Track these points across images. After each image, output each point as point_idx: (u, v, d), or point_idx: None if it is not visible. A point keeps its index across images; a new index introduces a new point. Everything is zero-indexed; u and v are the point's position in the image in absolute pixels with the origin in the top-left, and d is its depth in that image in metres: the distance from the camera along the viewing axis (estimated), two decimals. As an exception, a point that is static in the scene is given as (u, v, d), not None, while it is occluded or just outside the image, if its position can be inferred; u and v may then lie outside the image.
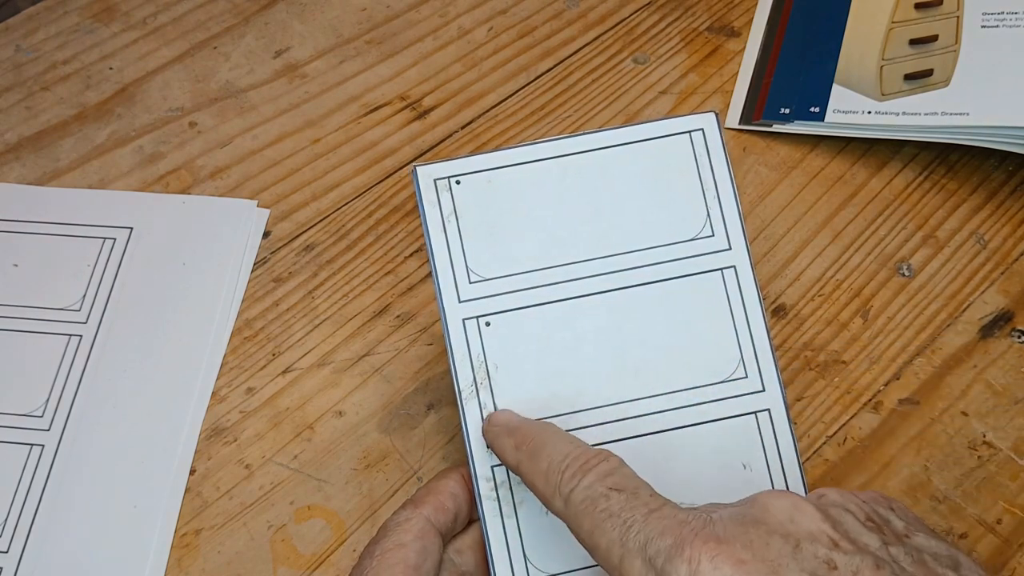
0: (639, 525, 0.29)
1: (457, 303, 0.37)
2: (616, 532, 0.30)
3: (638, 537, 0.29)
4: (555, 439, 0.34)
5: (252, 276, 0.49)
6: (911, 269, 0.48)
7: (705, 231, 0.38)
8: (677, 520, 0.29)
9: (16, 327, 0.47)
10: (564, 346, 0.37)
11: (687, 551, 0.28)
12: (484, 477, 0.36)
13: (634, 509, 0.30)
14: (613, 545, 0.30)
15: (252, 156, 0.53)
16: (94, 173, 0.52)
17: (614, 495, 0.31)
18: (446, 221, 0.38)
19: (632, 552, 0.29)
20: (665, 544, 0.29)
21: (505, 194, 0.38)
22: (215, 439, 0.44)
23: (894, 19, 0.54)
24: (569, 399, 0.37)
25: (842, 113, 0.52)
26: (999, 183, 0.51)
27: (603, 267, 0.38)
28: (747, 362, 0.38)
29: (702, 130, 0.39)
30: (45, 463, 0.43)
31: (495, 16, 0.59)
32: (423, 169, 0.38)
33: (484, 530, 0.36)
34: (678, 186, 0.39)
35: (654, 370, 0.37)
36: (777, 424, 0.37)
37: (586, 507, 0.31)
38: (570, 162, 0.39)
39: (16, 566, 0.41)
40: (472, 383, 0.37)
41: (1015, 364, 0.45)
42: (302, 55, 0.57)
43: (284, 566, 0.41)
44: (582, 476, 0.31)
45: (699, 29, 0.58)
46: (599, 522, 0.30)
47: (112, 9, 0.59)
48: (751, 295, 0.38)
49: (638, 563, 0.29)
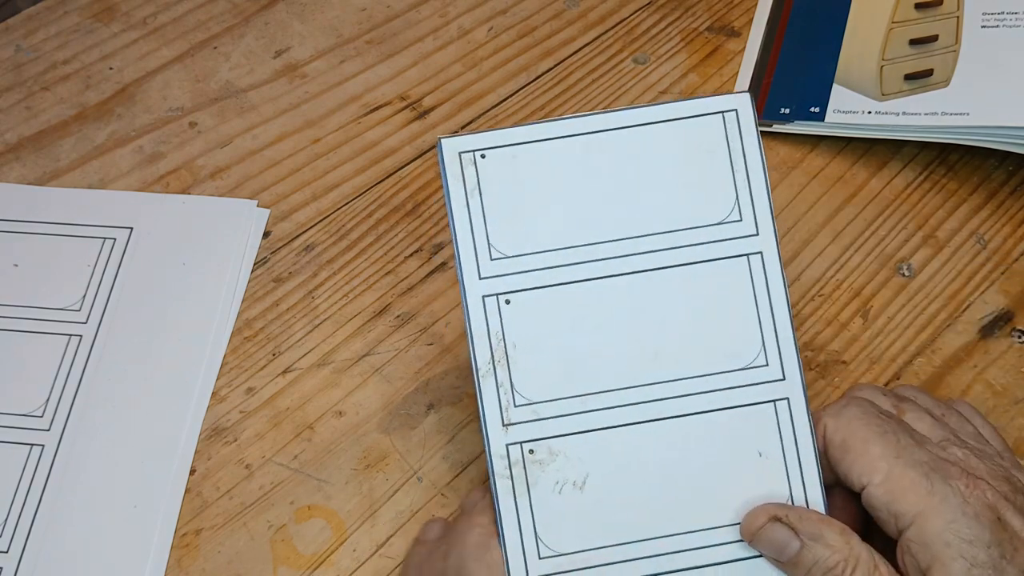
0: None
1: (477, 280, 0.37)
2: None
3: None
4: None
5: (252, 276, 0.49)
6: (911, 269, 0.48)
7: (733, 215, 0.37)
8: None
9: (16, 327, 0.47)
10: (584, 327, 0.37)
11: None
12: (498, 455, 0.36)
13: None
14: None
15: (252, 156, 0.53)
16: (94, 173, 0.52)
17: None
18: (469, 196, 0.37)
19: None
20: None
21: (530, 170, 0.37)
22: (215, 439, 0.44)
23: (894, 19, 0.54)
24: (587, 380, 0.37)
25: (842, 113, 0.52)
26: (999, 183, 0.51)
27: (627, 248, 0.37)
28: (768, 350, 0.37)
29: (735, 111, 0.38)
30: (45, 463, 0.43)
31: (495, 16, 0.59)
32: (448, 141, 0.37)
33: (496, 508, 0.36)
34: (707, 168, 0.38)
35: (674, 354, 0.37)
36: (796, 414, 0.37)
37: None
38: (597, 139, 0.38)
39: (16, 566, 0.41)
40: (490, 360, 0.37)
41: (1015, 364, 0.45)
42: (302, 55, 0.57)
43: (284, 566, 0.41)
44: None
45: (699, 29, 0.58)
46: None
47: (112, 9, 0.59)
48: (776, 283, 0.37)
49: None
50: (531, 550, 0.36)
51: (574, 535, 0.36)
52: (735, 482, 0.36)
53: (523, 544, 0.36)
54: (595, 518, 0.36)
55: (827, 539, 0.34)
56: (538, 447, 0.37)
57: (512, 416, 0.37)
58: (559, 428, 0.37)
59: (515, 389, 0.37)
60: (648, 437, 0.36)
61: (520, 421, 0.37)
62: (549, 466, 0.36)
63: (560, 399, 0.37)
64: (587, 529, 0.36)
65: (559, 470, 0.36)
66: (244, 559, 0.41)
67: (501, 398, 0.37)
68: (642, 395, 0.37)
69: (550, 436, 0.37)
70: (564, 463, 0.36)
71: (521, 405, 0.37)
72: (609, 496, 0.36)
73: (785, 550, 0.34)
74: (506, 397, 0.37)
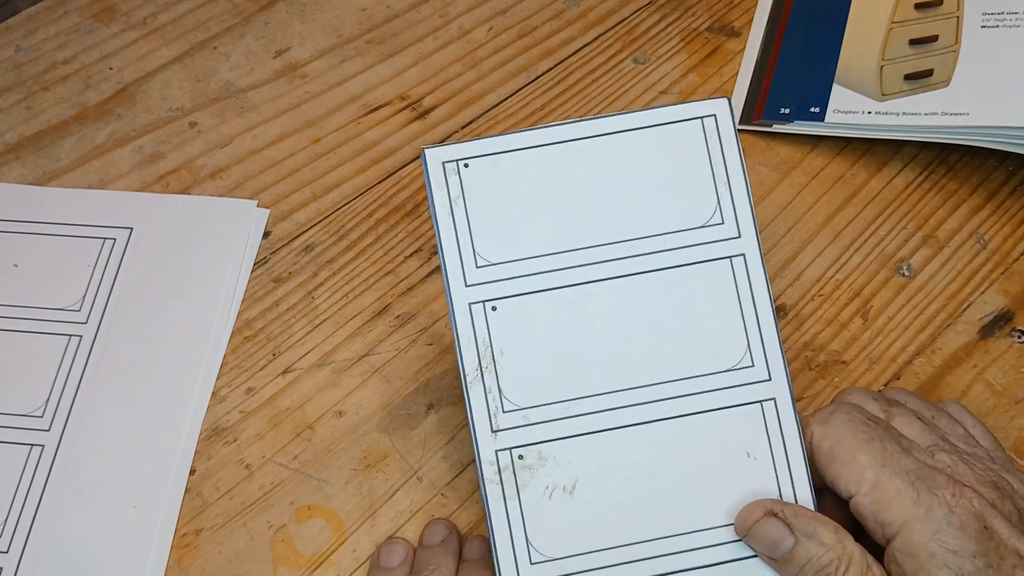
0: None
1: (464, 287, 0.37)
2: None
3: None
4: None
5: (252, 276, 0.49)
6: (911, 269, 0.48)
7: (715, 218, 0.38)
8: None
9: (16, 327, 0.47)
10: (570, 332, 0.37)
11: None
12: (488, 461, 0.36)
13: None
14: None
15: (252, 156, 0.53)
16: (94, 173, 0.52)
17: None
18: (454, 204, 0.38)
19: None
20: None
21: (514, 178, 0.38)
22: (215, 439, 0.44)
23: (894, 19, 0.54)
24: (574, 385, 0.37)
25: (842, 113, 0.52)
26: (999, 183, 0.51)
27: (611, 253, 0.38)
28: (754, 351, 0.37)
29: (714, 116, 0.38)
30: (45, 463, 0.43)
31: (495, 16, 0.59)
32: (431, 151, 0.38)
33: (487, 514, 0.36)
34: (688, 172, 0.38)
35: (660, 357, 0.37)
36: (783, 414, 0.37)
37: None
38: (579, 146, 0.38)
39: (16, 566, 0.41)
40: (477, 367, 0.37)
41: (1015, 364, 0.45)
42: (302, 55, 0.57)
43: (284, 566, 0.41)
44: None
45: (699, 29, 0.58)
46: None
47: (112, 9, 0.59)
48: (760, 284, 0.38)
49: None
50: (522, 555, 0.36)
51: (565, 540, 0.36)
52: (724, 484, 0.36)
53: (514, 549, 0.36)
54: (586, 522, 0.36)
55: (821, 537, 0.34)
56: (527, 452, 0.37)
57: (501, 422, 0.37)
58: (548, 433, 0.37)
59: (503, 395, 0.37)
60: (637, 440, 0.37)
61: (509, 427, 0.37)
62: (539, 471, 0.36)
63: (548, 404, 0.37)
64: (578, 533, 0.36)
65: (549, 475, 0.36)
66: (244, 559, 0.41)
67: (489, 404, 0.37)
68: (630, 399, 0.37)
69: (539, 441, 0.37)
70: (554, 468, 0.37)
71: (510, 411, 0.37)
72: (599, 500, 0.36)
73: (779, 547, 0.34)
74: (494, 403, 0.37)
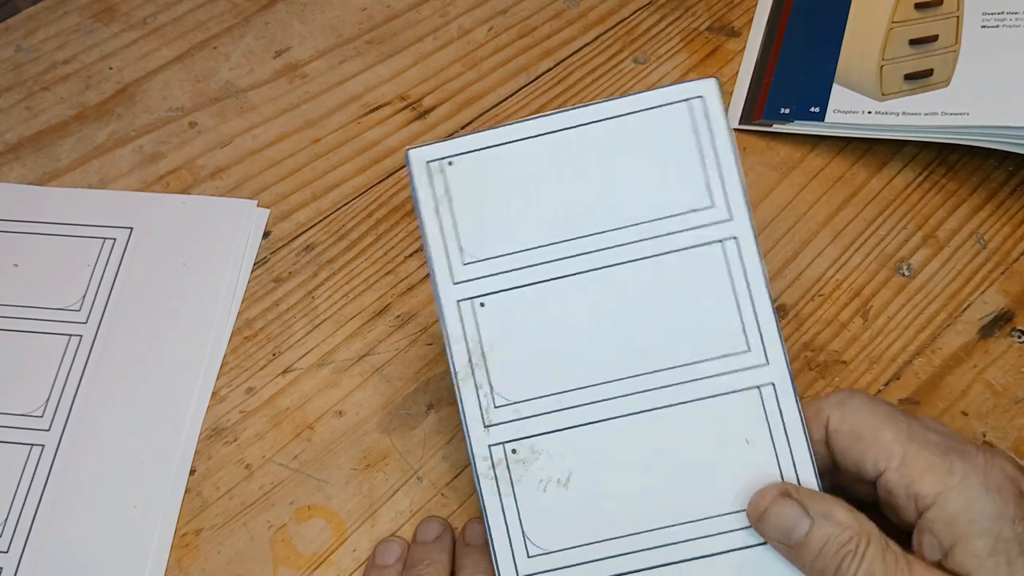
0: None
1: (451, 285, 0.37)
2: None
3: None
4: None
5: (252, 276, 0.49)
6: (911, 269, 0.48)
7: (705, 202, 0.37)
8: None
9: (16, 327, 0.47)
10: (561, 324, 0.37)
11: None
12: (481, 457, 0.36)
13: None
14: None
15: (252, 156, 0.53)
16: (94, 173, 0.52)
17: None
18: (439, 203, 0.37)
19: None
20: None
21: (499, 173, 0.37)
22: (215, 439, 0.44)
23: (894, 19, 0.54)
24: (567, 377, 0.37)
25: (842, 113, 0.52)
26: (999, 183, 0.51)
27: (600, 243, 0.37)
28: (750, 335, 0.37)
29: (702, 97, 0.37)
30: (45, 463, 0.43)
31: (495, 16, 0.59)
32: (415, 152, 0.38)
33: (482, 509, 0.36)
34: (677, 157, 0.37)
35: (654, 345, 0.37)
36: (782, 399, 0.36)
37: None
38: (564, 137, 0.37)
39: (16, 566, 0.41)
40: (468, 364, 0.37)
41: (1015, 364, 0.45)
42: (302, 55, 0.57)
43: (284, 566, 0.41)
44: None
45: (699, 29, 0.58)
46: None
47: (112, 9, 0.59)
48: (754, 266, 0.37)
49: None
50: (519, 549, 0.36)
51: (562, 532, 0.36)
52: (723, 471, 0.36)
53: (511, 544, 0.36)
54: (581, 514, 0.36)
55: (837, 516, 0.33)
56: (520, 446, 0.37)
57: (493, 417, 0.37)
58: (540, 426, 0.37)
59: (494, 390, 0.37)
60: (631, 431, 0.36)
61: (501, 422, 0.37)
62: (532, 465, 0.36)
63: (540, 397, 0.37)
64: (574, 526, 0.36)
65: (543, 468, 0.36)
66: (244, 559, 0.41)
67: (481, 400, 0.37)
68: (623, 388, 0.37)
69: (532, 435, 0.37)
70: (547, 461, 0.36)
71: (501, 406, 0.37)
72: (594, 492, 0.36)
73: (794, 531, 0.33)
74: (486, 399, 0.37)
